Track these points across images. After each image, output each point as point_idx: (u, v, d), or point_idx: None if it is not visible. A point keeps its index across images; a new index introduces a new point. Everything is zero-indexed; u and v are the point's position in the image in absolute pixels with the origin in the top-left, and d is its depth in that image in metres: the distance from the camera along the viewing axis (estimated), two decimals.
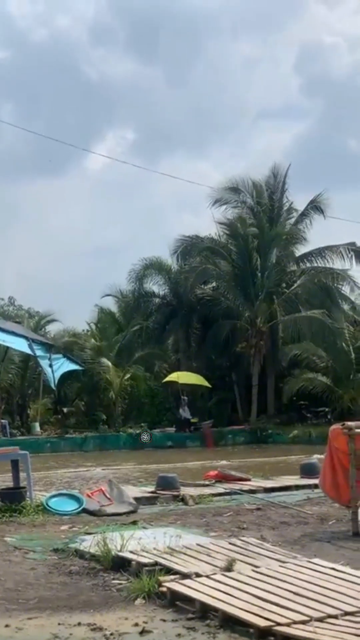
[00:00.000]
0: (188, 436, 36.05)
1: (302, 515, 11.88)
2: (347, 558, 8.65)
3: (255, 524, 11.15)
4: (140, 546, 8.78)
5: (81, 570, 8.52)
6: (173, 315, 41.60)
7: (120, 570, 8.22)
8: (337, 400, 35.57)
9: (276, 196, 41.94)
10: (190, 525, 11.12)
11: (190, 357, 41.32)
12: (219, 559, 8.12)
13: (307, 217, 41.31)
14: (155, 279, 42.82)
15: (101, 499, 12.88)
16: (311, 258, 41.62)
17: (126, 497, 13.03)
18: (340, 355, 35.97)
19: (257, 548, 8.74)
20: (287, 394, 37.06)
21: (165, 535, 9.37)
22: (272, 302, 38.79)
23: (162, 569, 7.74)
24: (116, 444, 34.62)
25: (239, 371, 40.60)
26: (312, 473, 15.56)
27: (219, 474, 16.33)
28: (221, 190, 41.16)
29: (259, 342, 38.34)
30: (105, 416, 37.96)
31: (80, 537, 10.03)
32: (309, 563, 7.87)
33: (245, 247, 39.33)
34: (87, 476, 20.21)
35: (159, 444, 34.61)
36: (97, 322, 44.23)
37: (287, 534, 10.34)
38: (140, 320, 41.58)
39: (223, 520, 11.56)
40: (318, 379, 35.74)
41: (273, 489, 15.02)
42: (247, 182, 41.54)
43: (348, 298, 41.24)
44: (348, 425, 10.59)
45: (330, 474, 11.07)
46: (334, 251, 40.84)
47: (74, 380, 39.64)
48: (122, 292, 44.17)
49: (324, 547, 9.40)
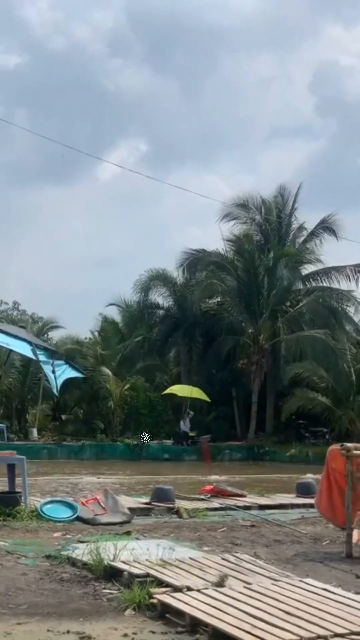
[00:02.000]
0: (185, 449, 36.01)
1: (296, 534, 11.85)
2: (340, 579, 8.62)
3: (248, 540, 11.12)
4: (132, 557, 8.76)
5: (72, 578, 8.50)
6: (176, 328, 41.62)
7: (112, 580, 8.19)
8: (336, 421, 35.50)
9: (285, 214, 42.05)
10: (183, 538, 11.09)
11: (191, 370, 41.31)
12: (211, 573, 8.10)
13: (317, 236, 41.39)
14: (160, 291, 42.94)
15: (96, 508, 12.85)
16: (317, 278, 41.70)
17: (121, 507, 13.00)
18: (342, 376, 35.93)
19: (249, 565, 8.71)
20: (286, 412, 37.02)
21: (158, 547, 9.34)
22: (276, 320, 38.78)
23: (154, 581, 7.71)
24: (113, 453, 34.58)
25: (239, 387, 40.58)
26: (308, 492, 15.53)
27: (214, 489, 16.30)
28: (230, 205, 41.32)
29: (261, 360, 38.32)
30: (103, 425, 37.94)
31: (73, 545, 10.01)
32: (301, 582, 7.84)
33: (252, 263, 39.36)
34: (82, 484, 20.18)
35: (156, 456, 34.58)
36: (101, 330, 44.26)
37: (280, 552, 10.30)
38: (143, 331, 41.61)
39: (217, 535, 11.53)
40: (318, 399, 35.70)
41: (268, 507, 14.97)
42: (257, 199, 41.73)
43: (352, 319, 41.27)
44: (346, 446, 10.57)
45: (327, 495, 11.05)
46: (340, 272, 40.89)
47: (73, 388, 39.61)
48: (126, 302, 44.27)
49: (317, 567, 9.37)
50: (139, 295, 42.78)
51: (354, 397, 35.21)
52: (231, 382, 40.65)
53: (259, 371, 38.40)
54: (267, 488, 18.57)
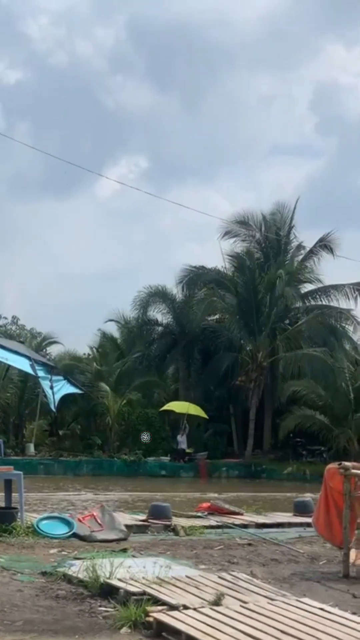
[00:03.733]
0: (182, 466, 35.94)
1: (294, 553, 11.81)
2: (336, 599, 8.58)
3: (245, 559, 11.08)
4: (129, 574, 8.73)
5: (68, 595, 8.46)
6: (175, 345, 41.61)
7: (108, 597, 8.16)
8: (333, 439, 35.44)
9: (284, 232, 42.15)
10: (180, 556, 11.05)
11: (189, 387, 41.26)
12: (207, 592, 8.07)
13: (316, 254, 41.45)
14: (159, 307, 42.91)
15: (92, 524, 12.80)
16: (316, 296, 41.75)
17: (117, 523, 12.95)
18: (340, 394, 35.90)
19: (246, 584, 8.68)
20: (283, 430, 36.95)
21: (155, 565, 9.31)
22: (275, 338, 38.78)
23: (150, 599, 7.68)
24: (110, 469, 34.51)
25: (236, 404, 40.55)
26: (305, 511, 15.49)
27: (211, 506, 16.25)
28: (230, 222, 41.41)
29: (259, 377, 38.27)
30: (100, 441, 37.84)
31: (69, 562, 9.96)
32: (298, 602, 7.82)
33: (252, 281, 39.39)
34: (79, 500, 20.12)
35: (153, 473, 34.51)
36: (99, 346, 44.24)
37: (277, 571, 10.26)
38: (141, 347, 41.60)
39: (213, 553, 11.49)
40: (316, 417, 35.65)
41: (265, 525, 14.92)
42: (257, 216, 41.86)
43: (351, 338, 41.29)
44: (345, 465, 10.54)
45: (324, 514, 11.02)
46: (339, 290, 40.95)
47: (71, 404, 39.55)
48: (125, 318, 44.23)
49: (314, 587, 9.33)
50: (137, 312, 42.82)
51: (352, 416, 35.14)
52: (229, 399, 40.62)
53: (257, 388, 38.35)
54: (264, 506, 18.52)
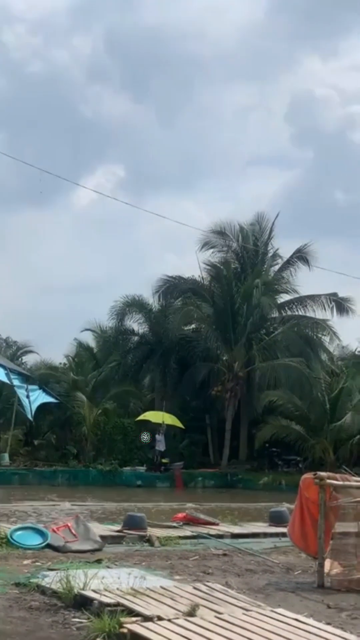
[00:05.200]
0: (158, 476, 35.86)
1: (269, 563, 11.79)
2: (311, 610, 8.57)
3: (220, 569, 11.05)
4: (103, 585, 8.66)
5: (42, 606, 8.39)
6: (151, 354, 41.54)
7: (82, 608, 8.09)
8: (309, 449, 35.54)
9: (261, 242, 42.28)
10: (155, 567, 11.01)
11: (165, 396, 41.18)
12: (182, 603, 8.02)
13: (292, 265, 41.59)
14: (136, 317, 42.88)
15: (66, 535, 12.71)
16: (292, 306, 41.89)
17: (92, 534, 12.87)
18: (316, 404, 36.03)
19: (221, 594, 8.64)
20: (259, 440, 36.99)
21: (129, 576, 9.25)
22: (251, 348, 38.82)
23: (124, 610, 7.63)
24: (85, 479, 34.35)
25: (213, 414, 40.53)
26: (280, 521, 15.48)
27: (187, 517, 16.21)
28: (208, 233, 41.49)
29: (235, 387, 38.29)
30: (76, 451, 37.66)
31: (43, 573, 9.89)
32: (272, 612, 7.79)
33: (229, 291, 39.48)
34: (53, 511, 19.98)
35: (129, 483, 34.39)
36: (75, 356, 44.10)
37: (252, 581, 10.24)
38: (118, 357, 41.52)
39: (188, 563, 11.45)
40: (292, 427, 35.75)
41: (240, 535, 14.91)
42: (234, 227, 41.96)
43: (327, 348, 41.46)
44: (320, 475, 10.55)
45: (299, 524, 11.01)
46: (315, 300, 41.11)
47: (46, 413, 39.35)
48: (101, 328, 44.15)
49: (289, 597, 9.31)
50: (114, 321, 42.76)
51: (327, 426, 35.27)
52: (205, 409, 40.59)
53: (233, 398, 38.38)
54: (240, 516, 18.50)
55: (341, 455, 34.90)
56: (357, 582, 9.93)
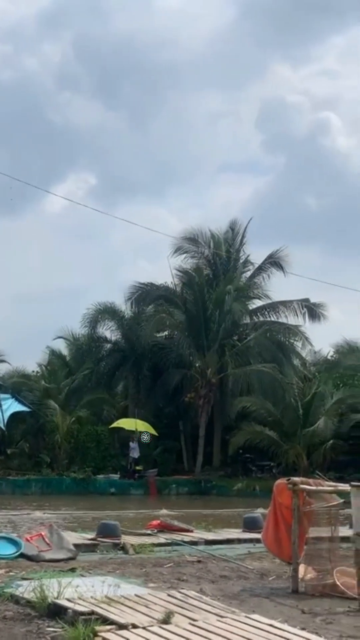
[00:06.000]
0: (132, 484, 35.79)
1: (243, 569, 11.80)
2: (286, 615, 8.59)
3: (195, 576, 11.04)
4: (77, 594, 8.63)
5: (16, 615, 8.33)
6: (124, 361, 41.49)
7: (56, 617, 8.04)
8: (282, 455, 35.64)
9: (233, 248, 42.41)
10: (129, 574, 10.97)
11: (138, 403, 41.12)
12: (156, 610, 8.01)
13: (265, 271, 41.72)
14: (108, 325, 42.79)
15: (40, 544, 12.64)
16: (265, 312, 42.03)
17: (66, 543, 12.81)
18: (289, 410, 36.14)
19: (195, 601, 8.64)
20: (233, 446, 37.03)
21: (104, 584, 9.23)
22: (224, 354, 38.87)
23: (99, 619, 7.61)
24: (59, 487, 34.21)
25: (186, 421, 40.55)
26: (254, 527, 15.50)
27: (161, 524, 16.18)
28: (180, 239, 41.56)
29: (208, 393, 38.33)
30: (49, 459, 37.50)
31: (17, 582, 9.82)
32: (247, 618, 7.80)
33: (201, 297, 39.55)
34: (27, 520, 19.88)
35: (102, 490, 34.31)
36: (47, 364, 43.93)
37: (226, 588, 10.24)
38: (90, 364, 41.41)
39: (163, 571, 11.43)
40: (265, 432, 35.81)
41: (214, 542, 14.89)
42: (206, 233, 42.09)
43: (299, 354, 41.60)
44: (293, 480, 10.59)
45: (273, 529, 11.03)
46: (287, 306, 41.26)
47: (19, 422, 39.13)
48: (73, 336, 44.01)
49: (263, 602, 9.32)
50: (86, 329, 42.64)
51: (300, 431, 35.38)
52: (178, 416, 40.61)
53: (206, 405, 38.41)
54: (214, 522, 18.50)
55: (314, 460, 35.03)
56: (331, 587, 9.96)
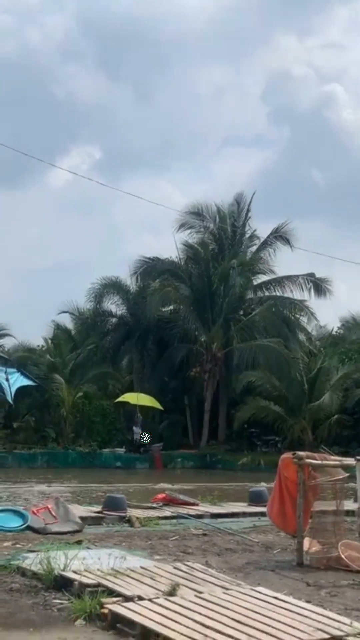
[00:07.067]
0: (137, 457, 35.93)
1: (248, 542, 11.85)
2: (290, 587, 8.63)
3: (200, 549, 11.09)
4: (83, 566, 8.67)
5: (22, 588, 8.38)
6: (129, 336, 41.52)
7: (62, 589, 8.10)
8: (288, 429, 35.73)
9: (239, 223, 42.26)
10: (135, 547, 11.03)
11: (143, 378, 41.22)
12: (162, 582, 8.05)
13: (270, 245, 41.59)
14: (113, 299, 42.81)
15: (46, 517, 12.70)
16: (270, 287, 41.95)
17: (72, 516, 12.88)
18: (294, 385, 36.17)
19: (201, 573, 8.68)
20: (238, 420, 37.14)
21: (110, 557, 9.26)
22: (229, 329, 38.87)
23: (105, 591, 7.65)
24: (65, 461, 34.37)
25: (191, 395, 40.62)
26: (260, 501, 15.54)
27: (166, 497, 16.24)
28: (185, 214, 41.40)
29: (214, 368, 38.38)
30: (55, 433, 37.66)
31: (23, 555, 9.86)
32: (252, 591, 7.84)
33: (206, 271, 39.50)
34: (33, 492, 19.99)
35: (108, 464, 34.46)
36: (53, 338, 43.98)
37: (232, 560, 10.29)
38: (96, 339, 41.45)
39: (168, 544, 11.49)
40: (270, 407, 35.88)
41: (220, 515, 14.96)
42: (211, 208, 41.93)
43: (305, 329, 41.57)
44: (298, 455, 10.60)
45: (278, 503, 11.07)
46: (293, 281, 41.16)
47: (25, 396, 39.15)
48: (79, 310, 44.02)
49: (268, 575, 9.37)
50: (92, 303, 42.62)
51: (306, 406, 35.46)
52: (184, 390, 40.68)
53: (211, 379, 38.47)
54: (219, 496, 18.55)
55: (319, 435, 35.13)
56: (336, 560, 10.01)
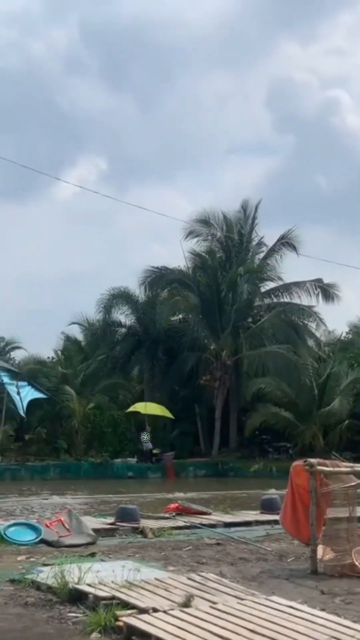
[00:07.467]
0: (149, 467, 35.92)
1: (262, 551, 11.86)
2: (305, 596, 8.64)
3: (214, 559, 11.11)
4: (97, 579, 8.70)
5: (37, 602, 8.42)
6: (139, 346, 41.57)
7: (77, 603, 8.13)
8: (299, 435, 35.68)
9: (245, 230, 42.29)
10: (149, 558, 11.05)
11: (154, 387, 41.23)
12: (176, 594, 8.07)
13: (277, 252, 41.58)
14: (122, 309, 42.80)
15: (60, 530, 12.75)
16: (278, 293, 41.96)
17: (85, 528, 12.91)
18: (304, 391, 36.14)
19: (215, 584, 8.70)
20: (249, 428, 37.13)
21: (124, 569, 9.29)
22: (238, 336, 38.88)
23: (119, 603, 7.69)
24: (77, 472, 34.36)
25: (202, 404, 40.60)
26: (272, 508, 15.55)
27: (179, 507, 16.26)
28: (192, 222, 41.44)
29: (224, 375, 38.38)
30: (67, 445, 37.67)
31: (38, 568, 9.91)
32: (266, 600, 7.85)
33: (214, 280, 39.53)
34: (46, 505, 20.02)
35: (120, 474, 34.46)
36: (63, 349, 44.04)
37: (245, 570, 10.30)
38: (106, 349, 41.50)
39: (182, 554, 11.50)
40: (281, 414, 35.85)
41: (233, 524, 14.98)
42: (218, 216, 41.90)
43: (314, 334, 41.57)
44: (310, 462, 10.61)
45: (291, 511, 11.08)
46: (300, 287, 41.15)
47: (36, 408, 39.26)
48: (88, 321, 44.12)
49: (283, 584, 9.38)
50: (101, 314, 42.68)
51: (316, 412, 35.42)
52: (194, 399, 40.65)
53: (221, 387, 38.47)
54: (231, 505, 18.56)
55: (330, 441, 35.08)
56: (350, 567, 10.01)
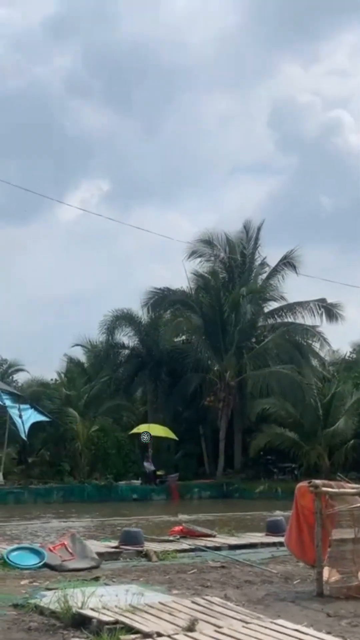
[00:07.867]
0: (153, 489, 35.75)
1: (267, 574, 11.75)
2: (311, 619, 8.53)
3: (219, 582, 11.00)
4: (101, 603, 8.61)
5: (40, 626, 8.32)
6: (142, 367, 41.52)
7: (81, 627, 8.03)
8: (304, 456, 35.54)
9: (248, 250, 42.33)
10: (153, 582, 10.95)
11: (157, 409, 41.15)
12: (181, 618, 7.98)
13: (280, 272, 41.60)
14: (125, 331, 42.80)
15: (63, 554, 12.65)
16: (282, 313, 41.96)
17: (89, 552, 12.81)
18: (309, 411, 36.03)
19: (220, 607, 8.60)
20: (254, 448, 36.99)
21: (128, 593, 9.20)
22: (242, 357, 38.81)
23: (124, 628, 7.60)
24: (81, 495, 34.20)
25: (206, 425, 40.48)
26: (277, 530, 15.44)
27: (183, 530, 16.15)
28: (195, 242, 41.48)
29: (227, 396, 38.26)
30: (70, 467, 37.53)
31: (41, 593, 9.82)
32: (272, 624, 7.75)
33: (217, 300, 39.52)
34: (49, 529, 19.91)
35: (124, 497, 34.28)
36: (66, 372, 43.99)
37: (251, 593, 10.19)
38: (109, 371, 41.45)
39: (187, 577, 11.39)
40: (285, 434, 35.73)
41: (238, 546, 14.86)
42: (221, 236, 41.97)
43: (318, 354, 41.49)
44: (315, 483, 10.51)
45: (296, 532, 10.97)
46: (304, 307, 41.16)
47: (39, 430, 39.17)
48: (91, 343, 44.11)
49: (288, 607, 9.27)
50: (104, 336, 42.67)
51: (321, 432, 35.28)
52: (198, 420, 40.54)
53: (225, 408, 38.34)
54: (237, 526, 18.44)
55: (336, 461, 34.93)
56: (356, 589, 9.89)
